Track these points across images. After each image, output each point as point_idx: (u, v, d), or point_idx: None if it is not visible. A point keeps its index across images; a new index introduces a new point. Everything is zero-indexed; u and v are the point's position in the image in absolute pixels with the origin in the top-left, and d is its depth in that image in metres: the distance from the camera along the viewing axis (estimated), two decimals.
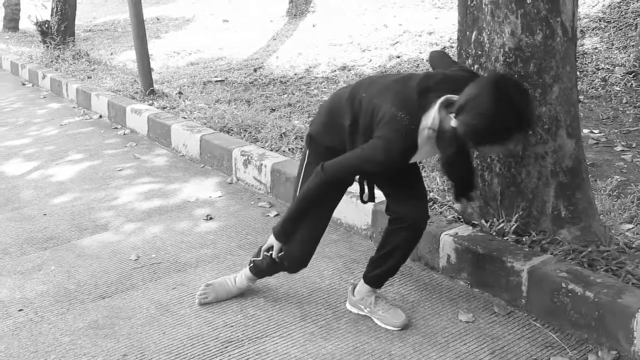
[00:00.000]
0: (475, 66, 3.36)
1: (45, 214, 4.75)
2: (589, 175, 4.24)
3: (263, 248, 3.17)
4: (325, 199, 2.97)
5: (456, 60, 3.31)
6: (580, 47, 7.52)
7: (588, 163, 4.62)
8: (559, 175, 3.35)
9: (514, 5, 3.17)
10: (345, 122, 2.85)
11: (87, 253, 4.09)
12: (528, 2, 3.14)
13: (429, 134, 2.63)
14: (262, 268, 3.28)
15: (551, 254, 3.23)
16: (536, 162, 3.34)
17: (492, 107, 2.40)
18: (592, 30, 7.96)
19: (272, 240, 3.09)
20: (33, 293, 3.63)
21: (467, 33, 3.39)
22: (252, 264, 3.33)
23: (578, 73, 6.96)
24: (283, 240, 3.05)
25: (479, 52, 3.33)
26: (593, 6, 8.53)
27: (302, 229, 3.01)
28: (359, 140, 2.79)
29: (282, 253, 3.10)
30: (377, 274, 3.15)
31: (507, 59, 3.23)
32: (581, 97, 6.45)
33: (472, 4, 3.32)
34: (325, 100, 3.09)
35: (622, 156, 4.90)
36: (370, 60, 8.57)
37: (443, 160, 2.78)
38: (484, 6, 3.26)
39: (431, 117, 2.62)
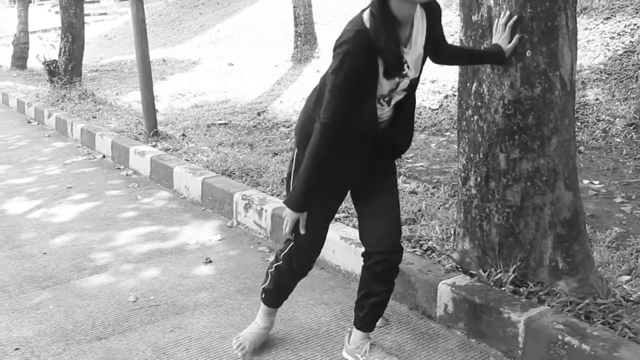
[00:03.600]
0: (475, 117, 3.40)
1: (45, 253, 4.77)
2: (589, 227, 4.27)
3: (287, 230, 3.00)
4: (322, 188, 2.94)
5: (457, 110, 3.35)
6: (582, 98, 7.59)
7: (588, 214, 4.64)
8: (556, 227, 3.37)
9: (513, 58, 3.22)
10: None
11: (86, 293, 4.10)
12: (527, 55, 3.20)
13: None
14: (271, 288, 3.28)
15: (548, 305, 3.24)
16: (534, 213, 3.37)
17: None
18: (594, 81, 8.03)
19: (290, 215, 2.96)
20: (30, 332, 3.63)
21: (468, 84, 3.44)
22: (263, 295, 3.33)
23: (579, 124, 7.02)
24: (302, 208, 2.93)
25: (479, 104, 3.38)
26: (595, 58, 8.62)
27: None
28: None
29: (290, 247, 3.10)
30: (363, 317, 3.14)
31: (507, 111, 3.28)
32: (581, 148, 6.49)
33: None
34: (308, 99, 3.09)
35: (622, 208, 4.91)
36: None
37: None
38: None
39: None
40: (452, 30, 10.35)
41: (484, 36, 3.30)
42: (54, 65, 11.49)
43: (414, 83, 2.91)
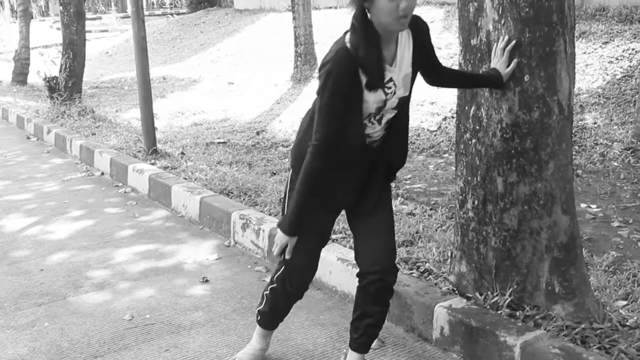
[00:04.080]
0: (473, 140, 3.42)
1: (42, 270, 4.77)
2: (586, 250, 4.27)
3: (276, 252, 3.04)
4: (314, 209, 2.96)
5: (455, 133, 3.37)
6: (580, 122, 7.61)
7: (585, 238, 4.64)
8: (553, 251, 3.38)
9: (511, 82, 3.24)
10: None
11: (82, 311, 4.10)
12: (526, 80, 3.22)
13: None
14: (267, 310, 3.28)
15: (544, 329, 3.24)
16: (531, 237, 3.37)
17: None
18: (592, 105, 8.07)
19: (281, 238, 2.98)
20: (25, 349, 3.63)
21: (466, 108, 3.46)
22: (258, 316, 3.33)
23: (577, 147, 7.04)
24: (293, 232, 2.94)
25: (477, 127, 3.39)
26: (593, 82, 8.66)
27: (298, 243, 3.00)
28: None
29: (283, 269, 3.10)
30: (358, 338, 3.13)
31: (504, 135, 3.29)
32: (579, 171, 6.50)
33: None
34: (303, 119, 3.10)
35: (619, 232, 4.92)
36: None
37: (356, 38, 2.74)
38: None
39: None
40: (452, 52, 10.41)
41: (482, 60, 3.32)
42: (55, 81, 11.52)
43: (404, 102, 2.93)
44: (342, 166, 2.92)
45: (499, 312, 3.39)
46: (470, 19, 3.35)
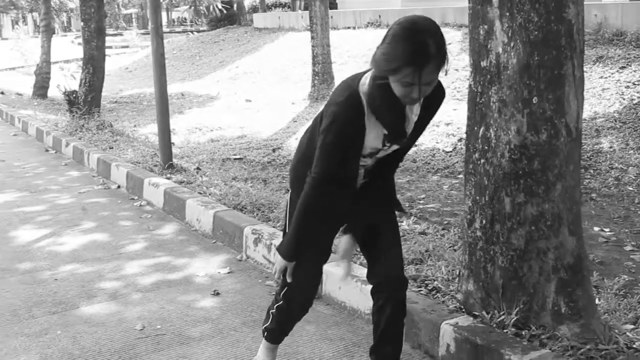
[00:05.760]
0: (482, 160, 3.46)
1: (56, 279, 4.85)
2: (597, 273, 4.29)
3: (276, 276, 3.12)
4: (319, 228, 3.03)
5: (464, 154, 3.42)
6: (595, 146, 7.63)
7: (596, 261, 4.66)
8: (560, 272, 3.41)
9: (520, 104, 3.29)
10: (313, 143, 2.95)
11: (94, 320, 4.16)
12: (534, 102, 3.26)
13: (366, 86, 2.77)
14: (274, 327, 3.31)
15: (550, 349, 3.26)
16: (538, 257, 3.41)
17: (388, 43, 2.58)
18: (608, 129, 8.08)
19: (280, 262, 3.06)
20: (37, 356, 3.70)
21: (475, 128, 3.51)
22: (265, 333, 3.37)
23: (591, 171, 7.06)
24: (291, 257, 3.02)
25: (486, 147, 3.44)
26: (609, 106, 8.68)
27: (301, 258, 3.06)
28: None
29: (286, 288, 3.14)
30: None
31: (513, 156, 3.34)
32: (593, 195, 6.52)
33: (480, 101, 3.44)
34: (302, 138, 3.17)
35: (632, 256, 4.92)
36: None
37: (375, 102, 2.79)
38: (492, 104, 3.38)
39: (367, 79, 2.78)
40: (469, 74, 10.44)
41: (492, 82, 3.37)
42: (74, 95, 11.68)
43: (404, 147, 3.04)
44: (335, 196, 2.97)
45: (505, 330, 3.41)
46: (481, 41, 3.41)
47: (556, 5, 3.21)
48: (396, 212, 3.22)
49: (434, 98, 2.89)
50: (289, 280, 3.07)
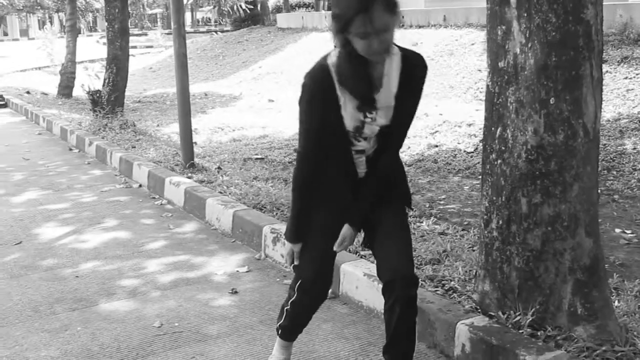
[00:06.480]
0: (499, 161, 3.46)
1: (77, 277, 4.91)
2: (617, 275, 4.27)
3: (287, 262, 3.18)
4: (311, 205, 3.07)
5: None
6: (619, 147, 7.58)
7: (617, 263, 4.64)
8: (576, 273, 3.40)
9: (537, 105, 3.28)
10: None
11: (113, 317, 4.21)
12: (551, 102, 3.26)
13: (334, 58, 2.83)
14: (287, 324, 3.32)
15: (565, 350, 3.26)
16: (554, 258, 3.40)
17: (334, 4, 2.71)
18: (632, 130, 8.02)
19: (287, 247, 3.14)
20: (57, 352, 3.75)
21: (492, 129, 3.51)
22: (279, 330, 3.38)
23: (614, 173, 7.01)
24: (294, 239, 3.09)
25: (503, 148, 3.44)
26: (634, 107, 8.62)
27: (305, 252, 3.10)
28: None
29: (300, 281, 3.17)
30: None
31: (529, 156, 3.33)
32: (615, 196, 6.47)
33: (498, 102, 3.44)
34: None
35: None
36: (409, 147, 8.70)
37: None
38: (509, 104, 3.38)
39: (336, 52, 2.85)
40: (484, 75, 10.40)
41: (509, 82, 3.37)
42: (98, 95, 11.79)
43: (386, 134, 2.97)
44: (332, 175, 3.03)
45: (521, 331, 3.41)
46: (498, 41, 3.41)
47: (574, 6, 3.21)
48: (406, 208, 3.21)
49: (413, 67, 2.89)
50: (296, 263, 3.12)
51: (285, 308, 3.29)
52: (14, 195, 7.52)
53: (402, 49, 2.90)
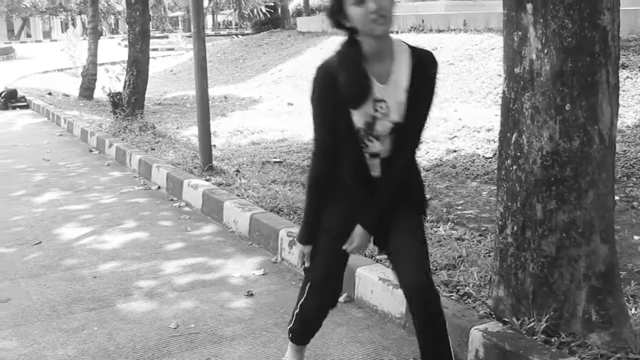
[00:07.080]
0: (514, 167, 3.47)
1: (95, 277, 4.95)
2: (635, 283, 4.25)
3: (299, 264, 3.19)
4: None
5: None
6: (639, 154, 7.54)
7: (635, 270, 4.62)
8: (591, 279, 3.40)
9: (553, 111, 3.28)
10: None
11: (130, 317, 4.25)
12: (567, 109, 3.26)
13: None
14: (297, 328, 3.33)
15: (579, 357, 3.25)
16: (569, 264, 3.40)
17: None
18: None
19: (298, 248, 3.16)
20: (74, 351, 3.79)
21: (508, 135, 3.52)
22: (290, 334, 3.39)
23: (634, 179, 6.97)
24: (304, 240, 3.10)
25: (518, 154, 3.44)
26: None
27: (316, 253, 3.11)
28: None
29: (309, 284, 3.18)
30: None
31: (545, 162, 3.33)
32: (635, 203, 6.44)
33: (513, 108, 3.45)
34: None
35: None
36: (427, 152, 8.70)
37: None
38: (524, 110, 3.39)
39: None
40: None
41: (525, 88, 3.38)
42: (118, 97, 11.89)
43: (400, 132, 2.92)
44: (344, 175, 3.01)
45: (534, 337, 3.41)
46: (515, 47, 3.41)
47: (590, 12, 3.21)
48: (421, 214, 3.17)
49: (422, 62, 2.89)
50: (306, 265, 3.13)
51: (295, 311, 3.29)
52: (35, 196, 7.60)
53: (411, 47, 2.90)
